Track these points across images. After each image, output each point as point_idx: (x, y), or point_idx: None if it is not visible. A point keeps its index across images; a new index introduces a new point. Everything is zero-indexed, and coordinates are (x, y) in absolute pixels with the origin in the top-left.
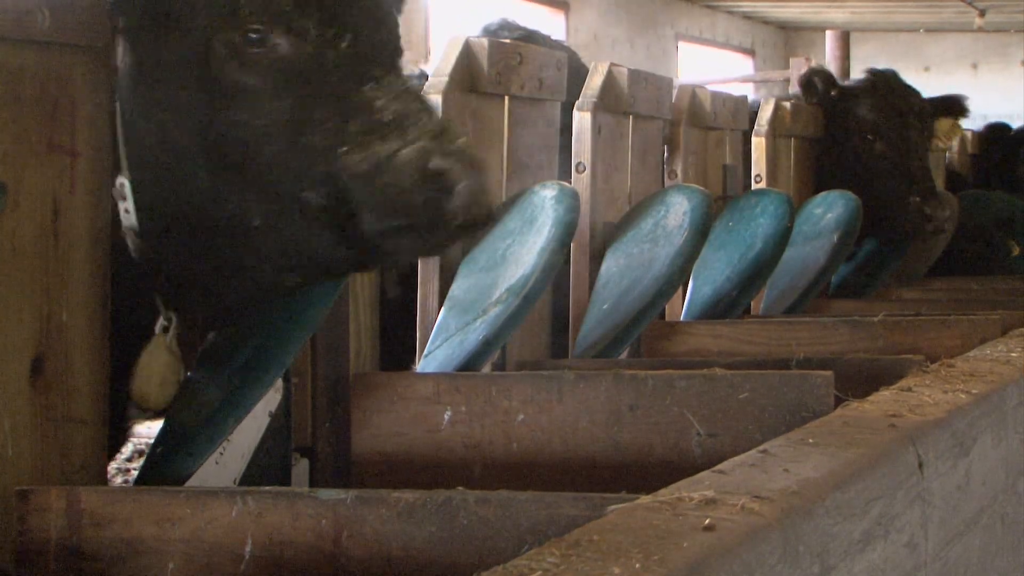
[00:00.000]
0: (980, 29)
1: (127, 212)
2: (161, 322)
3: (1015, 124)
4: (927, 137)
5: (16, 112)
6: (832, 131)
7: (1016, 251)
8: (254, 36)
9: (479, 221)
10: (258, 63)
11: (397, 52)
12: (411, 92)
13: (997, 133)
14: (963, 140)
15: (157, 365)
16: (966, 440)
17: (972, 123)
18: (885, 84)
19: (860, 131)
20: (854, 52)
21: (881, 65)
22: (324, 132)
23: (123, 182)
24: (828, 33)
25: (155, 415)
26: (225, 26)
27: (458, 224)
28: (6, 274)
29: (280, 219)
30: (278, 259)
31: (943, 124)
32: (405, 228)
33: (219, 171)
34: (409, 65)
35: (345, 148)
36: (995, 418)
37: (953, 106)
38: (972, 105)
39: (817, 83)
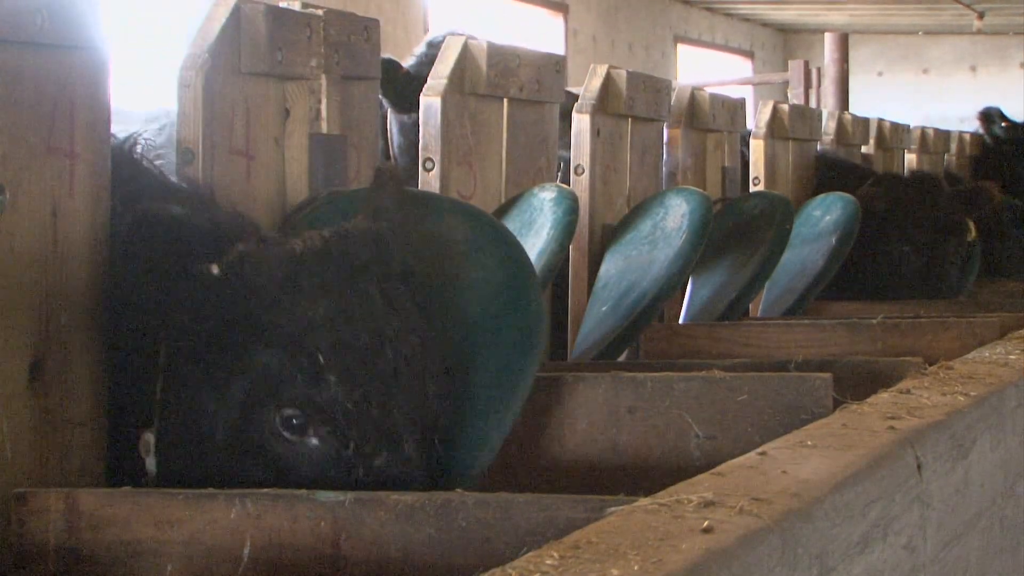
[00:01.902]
0: (979, 31)
1: (149, 466)
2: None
3: None
4: None
5: (14, 114)
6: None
7: (972, 235)
8: (295, 422)
9: None
10: (290, 446)
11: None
12: None
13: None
14: (961, 141)
15: None
16: (965, 442)
17: (972, 126)
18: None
19: None
20: (853, 54)
21: (879, 67)
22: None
23: (149, 438)
24: (827, 35)
25: None
26: (272, 399)
27: None
28: (5, 276)
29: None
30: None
31: None
32: None
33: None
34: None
35: None
36: (994, 420)
37: None
38: (971, 107)
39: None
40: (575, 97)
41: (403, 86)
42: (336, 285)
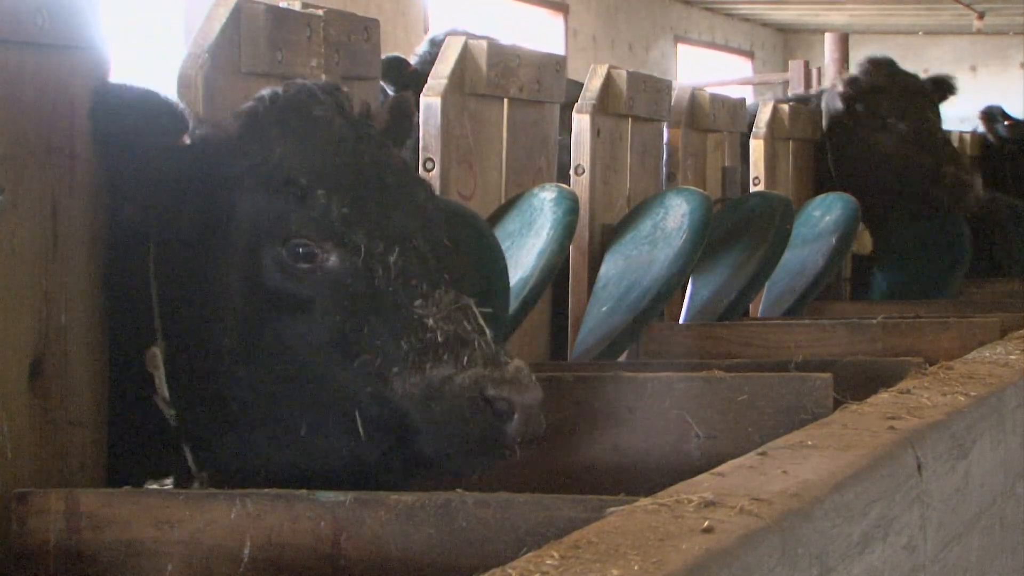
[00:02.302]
0: (979, 32)
1: (159, 382)
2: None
3: None
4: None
5: (15, 114)
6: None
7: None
8: (302, 251)
9: (536, 437)
10: (306, 277)
11: (445, 262)
12: (463, 309)
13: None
14: (962, 142)
15: None
16: (965, 442)
17: (971, 125)
18: (890, 69)
19: (879, 116)
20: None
21: None
22: (375, 350)
23: (156, 352)
24: (827, 35)
25: None
26: (273, 240)
27: (514, 446)
28: (5, 276)
29: (326, 429)
30: (321, 460)
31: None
32: (461, 451)
33: (263, 377)
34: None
35: (396, 369)
36: (994, 420)
37: (945, 86)
38: (971, 108)
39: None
40: (579, 85)
41: (410, 83)
42: (297, 122)
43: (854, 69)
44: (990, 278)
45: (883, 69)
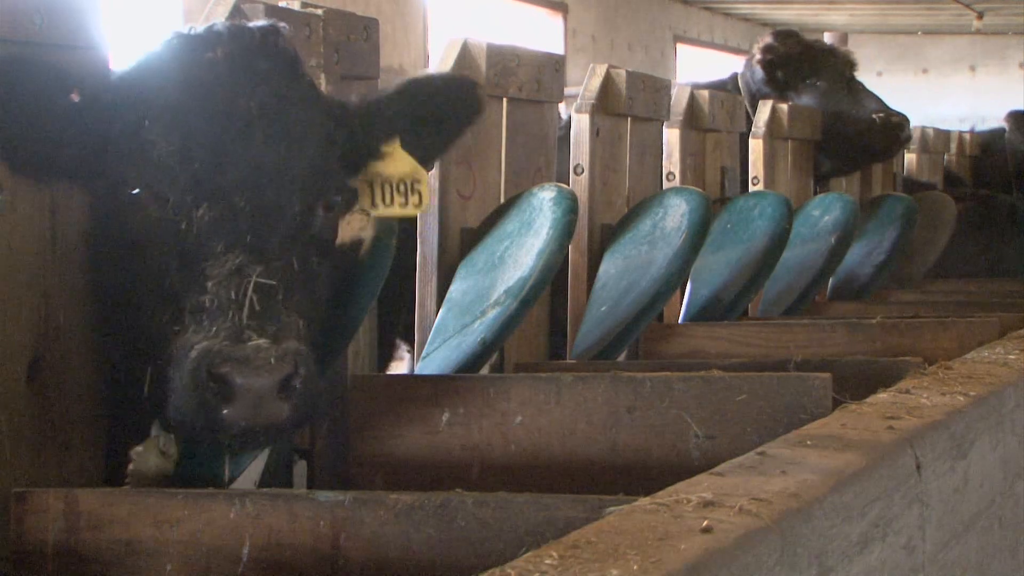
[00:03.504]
0: (978, 32)
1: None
2: (155, 428)
3: None
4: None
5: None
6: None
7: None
8: (133, 194)
9: (268, 430)
10: (132, 220)
11: (272, 224)
12: (241, 276)
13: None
14: (961, 142)
15: (147, 466)
16: (964, 442)
17: (970, 125)
18: (799, 38)
19: (801, 78)
20: None
21: (879, 68)
22: (166, 304)
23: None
24: (826, 35)
25: None
26: (119, 185)
27: (238, 431)
28: (4, 276)
29: (152, 381)
30: (166, 411)
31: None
32: (188, 425)
33: (116, 306)
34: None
35: (176, 328)
36: (993, 420)
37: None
38: (970, 107)
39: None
40: None
41: None
42: (178, 67)
43: (764, 41)
44: (990, 278)
45: (793, 38)
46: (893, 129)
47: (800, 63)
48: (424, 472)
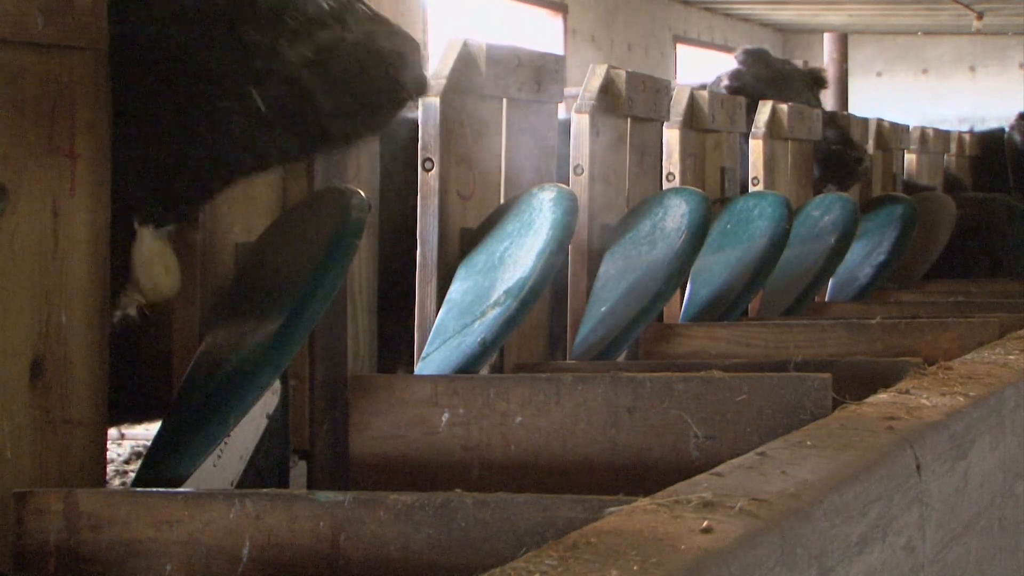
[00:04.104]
0: (978, 32)
1: None
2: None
3: None
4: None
5: (15, 114)
6: None
7: None
8: None
9: (424, 90)
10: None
11: None
12: None
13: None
14: (961, 142)
15: (149, 252)
16: (964, 443)
17: (970, 125)
18: (768, 58)
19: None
20: (852, 55)
21: (879, 68)
22: (260, 26)
23: None
24: (826, 36)
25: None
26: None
27: (409, 93)
28: (5, 276)
29: (226, 117)
30: (228, 153)
31: None
32: (360, 106)
33: (156, 76)
34: None
35: (284, 41)
36: (993, 421)
37: (820, 79)
38: (970, 108)
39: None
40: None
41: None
42: None
43: (734, 62)
44: (990, 278)
45: (761, 59)
46: (851, 164)
47: (765, 88)
48: (424, 472)
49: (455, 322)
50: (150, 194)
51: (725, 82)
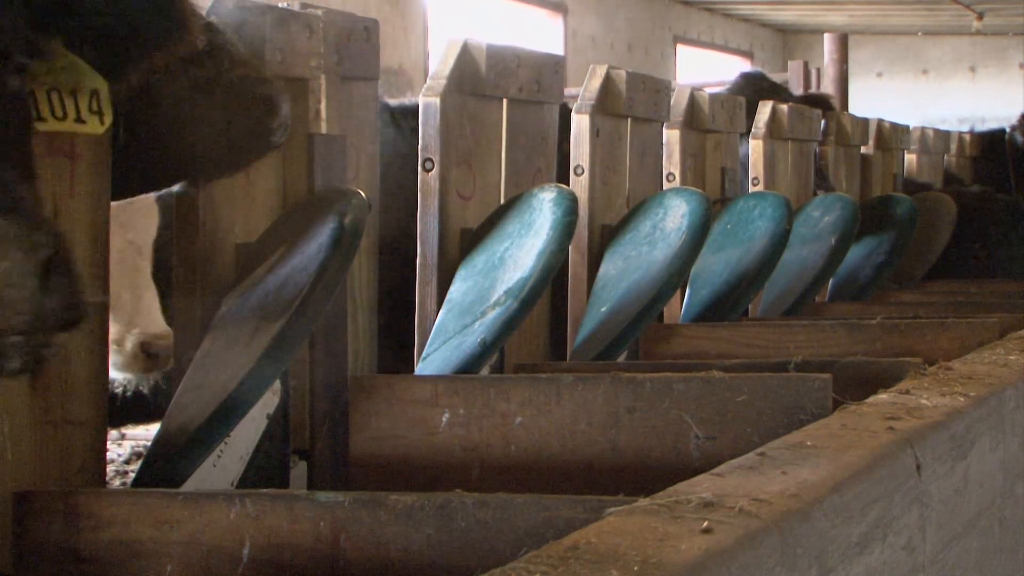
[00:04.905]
0: (978, 32)
1: None
2: None
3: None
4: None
5: None
6: None
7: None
8: None
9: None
10: None
11: None
12: None
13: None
14: (961, 142)
15: None
16: (964, 443)
17: (970, 126)
18: (760, 83)
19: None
20: (852, 55)
21: (879, 68)
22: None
23: None
24: (826, 36)
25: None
26: None
27: (278, 141)
28: None
29: None
30: None
31: None
32: (227, 148)
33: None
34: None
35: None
36: (993, 421)
37: (824, 103)
38: (970, 108)
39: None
40: None
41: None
42: None
43: (729, 86)
44: (990, 278)
45: (753, 84)
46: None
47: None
48: (424, 473)
49: (455, 322)
50: None
51: None
